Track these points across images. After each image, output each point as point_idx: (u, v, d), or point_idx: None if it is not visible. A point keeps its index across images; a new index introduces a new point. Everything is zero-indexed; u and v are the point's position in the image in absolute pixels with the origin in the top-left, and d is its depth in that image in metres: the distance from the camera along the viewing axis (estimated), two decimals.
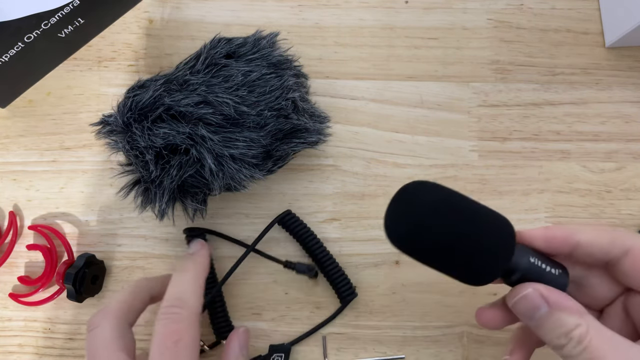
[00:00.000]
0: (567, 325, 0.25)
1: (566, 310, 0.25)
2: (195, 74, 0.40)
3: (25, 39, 0.42)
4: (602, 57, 0.48)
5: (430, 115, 0.47)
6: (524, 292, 0.26)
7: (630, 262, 0.27)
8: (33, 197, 0.45)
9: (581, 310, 0.26)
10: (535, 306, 0.26)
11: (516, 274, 0.28)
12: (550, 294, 0.26)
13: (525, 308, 0.27)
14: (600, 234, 0.28)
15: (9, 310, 0.44)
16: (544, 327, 0.26)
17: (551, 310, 0.26)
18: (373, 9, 0.49)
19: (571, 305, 0.26)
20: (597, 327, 0.25)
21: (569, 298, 0.26)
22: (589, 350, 0.24)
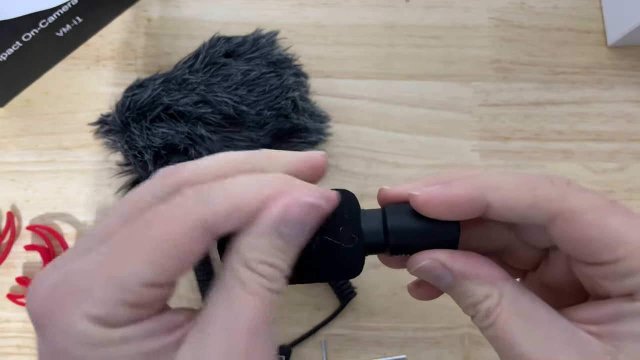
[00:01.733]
0: (475, 296, 0.21)
1: (475, 279, 0.21)
2: (194, 73, 0.40)
3: (23, 38, 0.42)
4: (604, 56, 0.48)
5: (431, 114, 0.46)
6: (420, 263, 0.22)
7: (559, 231, 0.21)
8: (31, 197, 0.45)
9: (494, 278, 0.21)
10: (438, 276, 0.22)
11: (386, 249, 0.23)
12: (455, 262, 0.21)
13: (427, 278, 0.22)
14: (518, 193, 0.21)
15: (6, 312, 0.43)
16: (453, 293, 0.22)
17: (457, 279, 0.21)
18: (374, 7, 0.48)
19: (481, 273, 0.21)
20: (512, 299, 0.21)
21: (479, 262, 0.22)
22: (494, 327, 0.21)
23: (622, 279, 0.20)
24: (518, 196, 0.21)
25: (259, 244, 0.19)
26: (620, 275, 0.20)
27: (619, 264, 0.20)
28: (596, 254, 0.21)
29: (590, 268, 0.21)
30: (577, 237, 0.21)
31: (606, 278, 0.21)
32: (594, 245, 0.21)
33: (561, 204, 0.21)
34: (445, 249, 0.22)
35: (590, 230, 0.21)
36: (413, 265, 0.22)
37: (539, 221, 0.21)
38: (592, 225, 0.21)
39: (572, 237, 0.21)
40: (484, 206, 0.21)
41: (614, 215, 0.21)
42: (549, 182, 0.21)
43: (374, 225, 0.23)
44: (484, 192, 0.21)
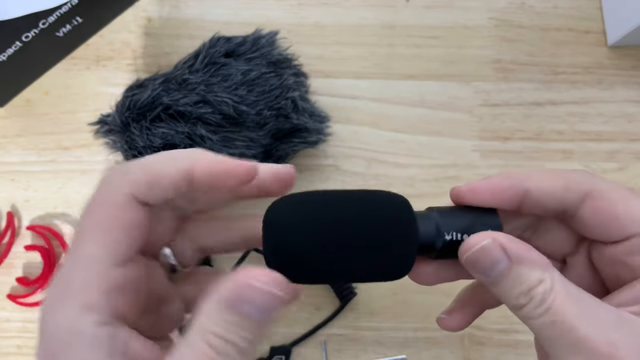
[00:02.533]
0: (528, 282, 0.21)
1: (529, 264, 0.21)
2: (194, 73, 0.40)
3: (23, 38, 0.42)
4: (604, 56, 0.48)
5: (432, 114, 0.46)
6: (481, 242, 0.22)
7: (589, 210, 0.23)
8: (31, 197, 0.45)
9: (545, 263, 0.21)
10: (494, 260, 0.21)
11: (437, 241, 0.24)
12: (512, 244, 0.21)
13: (481, 263, 0.22)
14: (553, 179, 0.24)
15: (7, 312, 0.43)
16: (502, 284, 0.22)
17: (512, 264, 0.21)
18: (373, 7, 0.48)
19: (534, 257, 0.21)
20: (562, 283, 0.21)
21: (531, 248, 0.22)
22: (551, 312, 0.21)
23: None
24: (553, 181, 0.24)
25: (216, 315, 0.19)
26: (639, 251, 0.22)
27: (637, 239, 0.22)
28: (622, 229, 0.23)
29: (616, 247, 0.23)
30: (605, 214, 0.23)
31: (632, 253, 0.23)
32: (620, 220, 0.23)
33: (590, 185, 0.23)
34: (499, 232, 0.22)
35: (618, 206, 0.23)
36: (471, 248, 0.22)
37: (571, 202, 0.24)
38: (618, 203, 0.23)
39: (600, 214, 0.23)
40: (522, 192, 0.24)
41: (636, 197, 0.23)
42: (576, 172, 0.24)
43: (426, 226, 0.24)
44: (522, 180, 0.24)
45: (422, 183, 0.45)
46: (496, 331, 0.42)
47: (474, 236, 0.22)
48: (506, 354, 0.42)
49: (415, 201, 0.44)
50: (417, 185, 0.45)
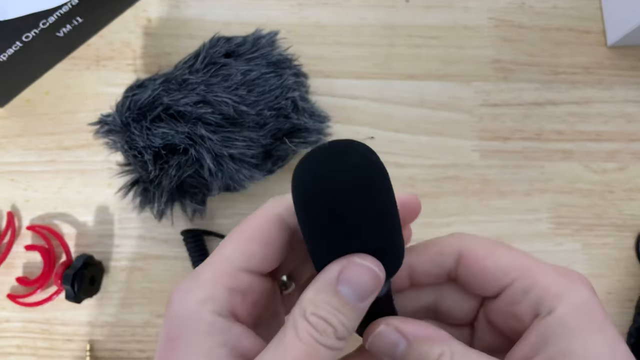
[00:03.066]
0: (430, 357, 0.22)
1: (427, 341, 0.23)
2: (194, 73, 0.40)
3: (23, 38, 0.42)
4: (604, 57, 0.48)
5: (432, 114, 0.46)
6: (377, 329, 0.23)
7: (463, 269, 0.25)
8: (31, 197, 0.45)
9: (442, 336, 0.23)
10: (392, 343, 0.23)
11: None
12: (406, 325, 0.23)
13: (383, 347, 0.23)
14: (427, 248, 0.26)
15: (6, 312, 0.43)
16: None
17: (410, 343, 0.23)
18: (373, 7, 0.48)
19: (430, 334, 0.23)
20: (461, 352, 0.22)
21: (426, 325, 0.23)
22: None
23: (523, 299, 0.23)
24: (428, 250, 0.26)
25: (317, 298, 0.21)
26: (520, 295, 0.24)
27: (515, 284, 0.24)
28: (495, 281, 0.24)
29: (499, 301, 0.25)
30: (477, 271, 0.25)
31: (511, 303, 0.24)
32: (491, 274, 0.24)
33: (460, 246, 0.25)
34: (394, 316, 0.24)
35: (485, 261, 0.25)
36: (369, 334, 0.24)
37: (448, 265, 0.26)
38: (485, 258, 0.25)
39: (474, 271, 0.25)
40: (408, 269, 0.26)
41: (502, 249, 0.25)
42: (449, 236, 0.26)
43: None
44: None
45: (422, 183, 0.45)
46: None
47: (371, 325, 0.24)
48: None
49: None
50: (417, 185, 0.45)
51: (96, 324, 0.43)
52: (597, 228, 0.45)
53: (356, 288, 0.21)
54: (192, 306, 0.22)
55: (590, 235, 0.44)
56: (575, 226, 0.45)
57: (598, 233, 0.45)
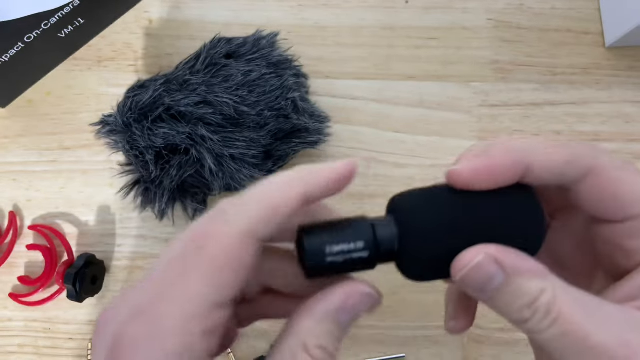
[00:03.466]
0: (530, 294, 0.20)
1: (527, 275, 0.20)
2: (195, 74, 0.40)
3: (25, 39, 0.42)
4: (602, 57, 0.48)
5: (431, 115, 0.47)
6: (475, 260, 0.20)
7: (589, 186, 0.22)
8: (33, 197, 0.45)
9: (543, 271, 0.20)
10: (488, 276, 0.20)
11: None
12: (505, 256, 0.20)
13: (476, 281, 0.20)
14: (555, 154, 0.22)
15: (8, 311, 0.43)
16: (501, 299, 0.20)
17: (508, 277, 0.20)
18: (373, 8, 0.49)
19: (531, 267, 0.20)
20: (565, 290, 0.20)
21: (527, 257, 0.21)
22: (560, 322, 0.19)
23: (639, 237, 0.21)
24: (555, 154, 0.22)
25: (318, 329, 0.20)
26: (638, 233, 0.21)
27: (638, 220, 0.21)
28: (620, 209, 0.21)
29: (613, 227, 0.22)
30: (604, 192, 0.22)
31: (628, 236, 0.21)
32: (619, 200, 0.21)
33: (593, 160, 0.22)
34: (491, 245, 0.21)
35: (621, 184, 0.21)
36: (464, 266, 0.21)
37: (573, 177, 0.22)
38: (621, 180, 0.21)
39: (600, 192, 0.22)
40: (524, 168, 0.22)
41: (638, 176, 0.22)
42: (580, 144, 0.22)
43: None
44: (524, 154, 0.22)
45: (421, 183, 0.45)
46: (495, 330, 0.42)
47: (465, 253, 0.21)
48: (505, 352, 0.42)
49: None
50: (417, 185, 0.45)
51: None
52: None
53: (354, 314, 0.21)
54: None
55: None
56: None
57: None
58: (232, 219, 0.20)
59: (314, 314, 0.20)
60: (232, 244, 0.19)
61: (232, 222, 0.20)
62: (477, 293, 0.21)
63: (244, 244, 0.20)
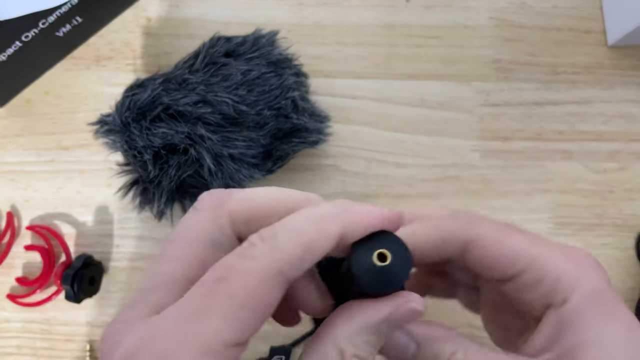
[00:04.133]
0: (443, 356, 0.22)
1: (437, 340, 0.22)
2: (194, 73, 0.40)
3: (22, 38, 0.42)
4: (604, 56, 0.47)
5: (432, 114, 0.46)
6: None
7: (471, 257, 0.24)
8: (30, 197, 0.45)
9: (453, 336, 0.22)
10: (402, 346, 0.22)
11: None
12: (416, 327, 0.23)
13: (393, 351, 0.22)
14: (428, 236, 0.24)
15: (6, 312, 0.43)
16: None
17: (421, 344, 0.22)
18: (374, 7, 0.48)
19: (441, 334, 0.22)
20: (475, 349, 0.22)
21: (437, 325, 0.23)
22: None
23: (533, 289, 0.23)
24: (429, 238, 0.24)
25: (357, 338, 0.20)
26: (530, 286, 0.23)
27: (525, 275, 0.23)
28: (504, 270, 0.23)
29: (509, 285, 0.24)
30: (486, 258, 0.23)
31: (522, 292, 0.23)
32: (501, 262, 0.23)
33: (465, 234, 0.24)
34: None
35: (499, 248, 0.23)
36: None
37: (452, 253, 0.24)
38: (494, 245, 0.23)
39: (482, 259, 0.24)
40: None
41: (511, 235, 0.24)
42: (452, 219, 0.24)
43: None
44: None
45: (422, 183, 0.45)
46: None
47: None
48: None
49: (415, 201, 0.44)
50: (417, 185, 0.45)
51: (96, 324, 0.43)
52: (597, 228, 0.45)
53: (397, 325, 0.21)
54: None
55: (590, 235, 0.44)
56: (576, 226, 0.45)
57: (598, 233, 0.44)
58: (260, 256, 0.19)
59: (354, 323, 0.20)
60: (257, 285, 0.18)
61: (260, 259, 0.19)
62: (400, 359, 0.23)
63: (270, 285, 0.18)
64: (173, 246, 0.21)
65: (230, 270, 0.19)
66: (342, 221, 0.20)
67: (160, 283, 0.20)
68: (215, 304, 0.18)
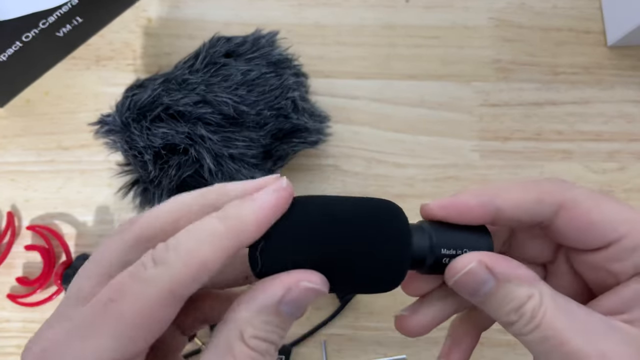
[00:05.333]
0: (518, 299, 0.21)
1: (516, 280, 0.21)
2: (194, 73, 0.40)
3: (23, 38, 0.42)
4: (604, 57, 0.48)
5: (431, 114, 0.46)
6: (467, 266, 0.22)
7: (564, 221, 0.23)
8: (31, 197, 0.45)
9: (532, 278, 0.22)
10: (480, 281, 0.22)
11: (429, 258, 0.23)
12: (497, 263, 0.22)
13: (469, 285, 0.22)
14: (523, 193, 0.23)
15: (7, 312, 0.43)
16: (492, 302, 0.22)
17: (499, 283, 0.21)
18: (373, 7, 0.48)
19: (521, 274, 0.21)
20: (551, 296, 0.21)
21: (517, 264, 0.22)
22: (542, 327, 0.21)
23: (629, 256, 0.22)
24: (523, 195, 0.23)
25: (256, 320, 0.20)
26: (627, 252, 0.22)
27: (624, 241, 0.22)
28: (601, 236, 0.22)
29: (597, 255, 0.23)
30: (581, 223, 0.23)
31: (613, 260, 0.22)
32: (598, 228, 0.22)
33: (562, 196, 0.23)
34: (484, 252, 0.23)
35: (592, 214, 0.22)
36: (457, 272, 0.22)
37: (545, 214, 0.23)
38: (592, 210, 0.22)
39: (576, 224, 0.23)
40: (493, 210, 0.23)
41: (609, 201, 0.23)
42: (548, 181, 0.24)
43: (420, 240, 0.23)
44: (492, 196, 0.23)
45: (422, 183, 0.45)
46: (496, 331, 0.42)
47: (460, 259, 0.22)
48: (506, 353, 0.42)
49: (415, 201, 0.44)
50: (417, 185, 0.45)
51: None
52: None
53: (299, 305, 0.20)
54: None
55: None
56: None
57: None
58: (150, 279, 0.19)
59: (252, 305, 0.20)
60: (145, 306, 0.19)
61: (149, 282, 0.19)
62: (470, 296, 0.22)
63: (161, 305, 0.19)
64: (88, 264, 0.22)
65: (121, 292, 0.19)
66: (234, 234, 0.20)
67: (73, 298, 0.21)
68: (105, 322, 0.19)
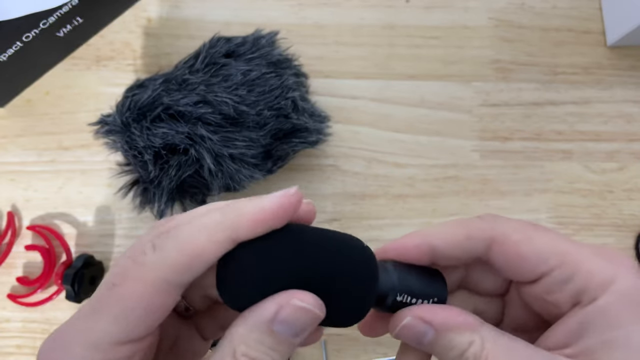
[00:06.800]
0: (459, 346, 0.21)
1: (455, 329, 0.22)
2: (194, 73, 0.40)
3: (23, 39, 0.42)
4: (603, 57, 0.48)
5: (431, 114, 0.46)
6: (402, 322, 0.22)
7: (496, 255, 0.23)
8: (31, 197, 0.45)
9: (472, 323, 0.22)
10: (419, 333, 0.22)
11: (388, 298, 0.23)
12: (434, 314, 0.22)
13: (409, 337, 0.23)
14: (455, 232, 0.24)
15: (7, 311, 0.43)
16: (436, 351, 0.22)
17: (438, 333, 0.22)
18: (373, 7, 0.49)
19: (460, 322, 0.22)
20: (494, 339, 0.21)
21: (456, 312, 0.22)
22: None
23: (563, 287, 0.22)
24: (454, 232, 0.24)
25: (250, 337, 0.20)
26: (560, 284, 0.22)
27: (555, 272, 0.22)
28: (532, 268, 0.23)
29: (535, 287, 0.23)
30: (512, 256, 0.23)
31: (550, 292, 0.23)
32: (528, 261, 0.23)
33: (492, 231, 0.23)
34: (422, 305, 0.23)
35: (521, 247, 0.23)
36: (396, 326, 0.23)
37: (478, 250, 0.24)
38: (521, 243, 0.23)
39: (507, 257, 0.23)
40: (429, 249, 0.24)
41: (541, 233, 0.23)
42: (479, 218, 0.24)
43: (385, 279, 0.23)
44: (426, 237, 0.24)
45: (422, 183, 0.45)
46: None
47: (396, 315, 0.23)
48: None
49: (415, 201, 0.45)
50: (417, 185, 0.45)
51: None
52: (596, 228, 0.45)
53: (293, 326, 0.20)
54: None
55: (590, 235, 0.45)
56: (575, 226, 0.45)
57: (598, 233, 0.45)
58: (148, 263, 0.20)
59: (248, 321, 0.20)
60: (144, 291, 0.20)
61: (147, 267, 0.20)
62: (416, 346, 0.23)
63: (157, 291, 0.20)
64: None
65: (123, 275, 0.20)
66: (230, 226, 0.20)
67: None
68: (109, 304, 0.20)
